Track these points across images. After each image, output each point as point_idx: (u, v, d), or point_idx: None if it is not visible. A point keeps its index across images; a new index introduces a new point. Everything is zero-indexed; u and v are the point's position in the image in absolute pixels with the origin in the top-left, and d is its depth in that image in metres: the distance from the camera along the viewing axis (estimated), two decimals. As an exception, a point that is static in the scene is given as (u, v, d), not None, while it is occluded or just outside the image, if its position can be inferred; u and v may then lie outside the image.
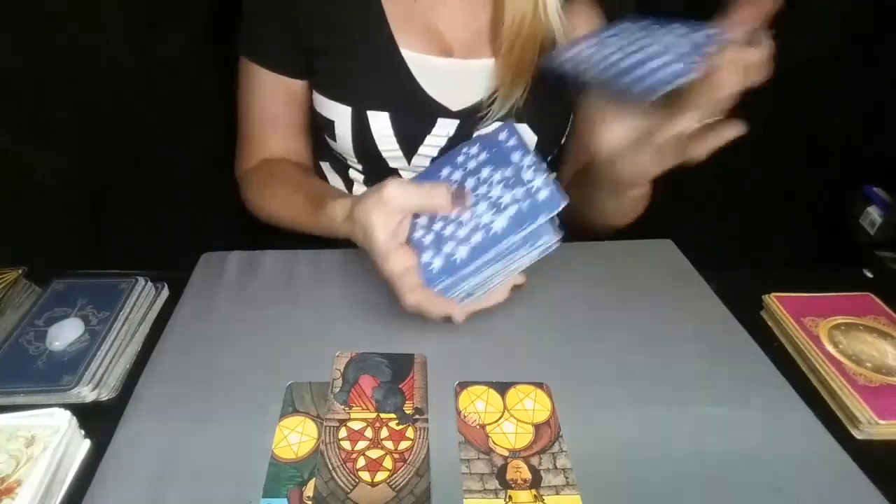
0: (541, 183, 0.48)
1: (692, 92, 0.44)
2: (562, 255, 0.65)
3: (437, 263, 0.49)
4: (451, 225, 0.50)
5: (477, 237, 0.48)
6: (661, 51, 0.46)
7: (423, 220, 0.52)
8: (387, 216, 0.49)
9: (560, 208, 0.46)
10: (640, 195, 0.61)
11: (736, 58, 0.43)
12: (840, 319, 0.56)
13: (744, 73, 0.43)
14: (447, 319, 0.50)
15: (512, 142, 0.54)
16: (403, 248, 0.50)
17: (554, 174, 0.49)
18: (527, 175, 0.50)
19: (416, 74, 0.65)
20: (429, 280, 0.48)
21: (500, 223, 0.47)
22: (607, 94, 0.51)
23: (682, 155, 0.48)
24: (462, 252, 0.48)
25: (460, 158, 0.57)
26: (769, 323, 0.59)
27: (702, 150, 0.46)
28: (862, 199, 0.96)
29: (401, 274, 0.49)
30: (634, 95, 0.45)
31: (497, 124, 0.66)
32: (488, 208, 0.49)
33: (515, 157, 0.53)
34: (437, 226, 0.51)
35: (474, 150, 0.57)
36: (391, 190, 0.49)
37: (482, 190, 0.52)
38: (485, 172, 0.53)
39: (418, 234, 0.51)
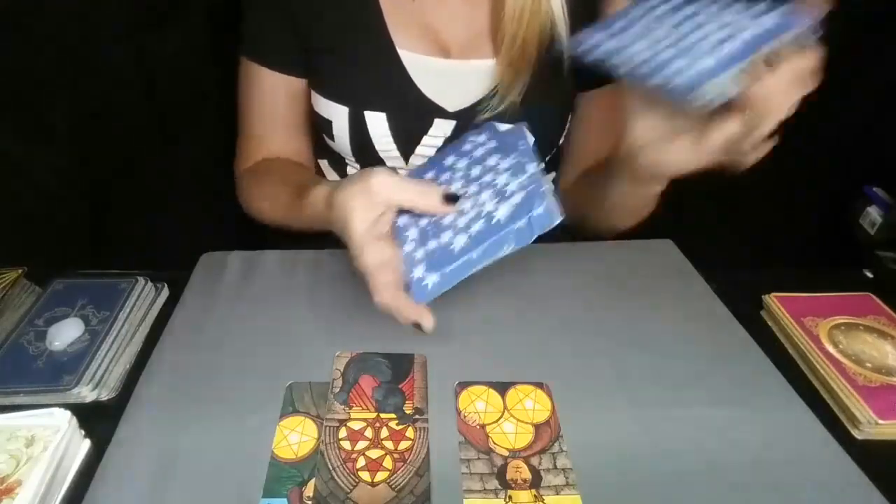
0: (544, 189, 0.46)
1: (744, 98, 0.41)
2: (562, 255, 0.65)
3: (432, 279, 0.46)
4: (448, 217, 0.48)
5: (477, 226, 0.46)
6: (696, 42, 0.43)
7: (408, 218, 0.50)
8: (369, 206, 0.47)
9: (554, 224, 0.44)
10: (654, 195, 0.59)
11: (792, 69, 0.40)
12: (840, 319, 0.56)
13: (799, 85, 0.40)
14: (416, 327, 0.47)
15: (522, 146, 0.52)
16: (382, 241, 0.47)
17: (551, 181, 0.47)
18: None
19: (413, 75, 0.65)
20: (420, 294, 0.46)
21: (503, 211, 0.45)
22: (644, 89, 0.47)
23: (726, 156, 0.45)
24: (460, 241, 0.46)
25: (466, 147, 0.55)
26: (769, 323, 0.59)
27: (750, 158, 0.43)
28: (862, 199, 0.96)
29: (376, 268, 0.46)
30: (673, 96, 0.42)
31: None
32: (492, 196, 0.47)
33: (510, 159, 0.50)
34: (424, 221, 0.49)
35: (482, 137, 0.54)
36: (380, 179, 0.47)
37: (487, 178, 0.49)
38: (491, 160, 0.51)
39: (404, 227, 0.49)
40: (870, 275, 0.65)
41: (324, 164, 0.78)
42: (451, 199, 0.48)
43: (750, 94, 0.41)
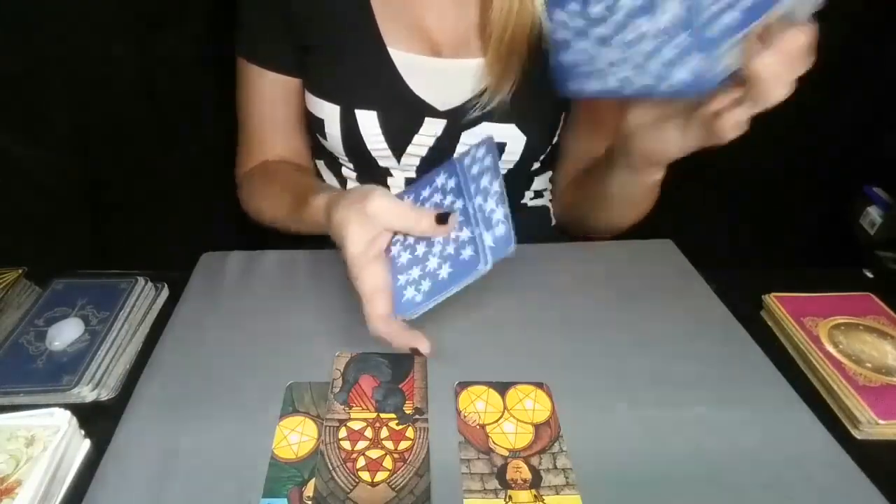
0: (500, 217, 0.48)
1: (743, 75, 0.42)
2: (562, 255, 0.65)
3: (410, 292, 0.49)
4: (428, 244, 0.51)
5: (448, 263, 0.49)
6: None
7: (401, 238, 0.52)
8: (365, 229, 0.48)
9: (508, 253, 0.47)
10: (653, 184, 0.59)
11: (787, 45, 0.40)
12: (840, 319, 0.56)
13: (796, 63, 0.41)
14: (414, 351, 0.49)
15: (488, 161, 0.52)
16: (375, 264, 0.49)
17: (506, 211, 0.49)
18: (489, 204, 0.49)
19: (403, 73, 0.65)
20: (402, 308, 0.49)
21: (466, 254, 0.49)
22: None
23: (708, 136, 0.46)
24: (444, 272, 0.49)
25: (439, 180, 0.55)
26: (769, 323, 0.59)
27: (728, 132, 0.44)
28: (862, 199, 0.96)
29: (370, 296, 0.48)
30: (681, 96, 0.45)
31: (480, 132, 0.66)
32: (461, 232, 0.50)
33: (485, 180, 0.51)
34: (411, 243, 0.52)
35: (443, 177, 0.55)
36: (377, 203, 0.48)
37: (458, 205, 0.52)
38: (458, 203, 0.52)
39: (395, 249, 0.52)
40: (870, 275, 0.65)
41: (320, 164, 0.78)
42: (443, 219, 0.50)
43: (750, 72, 0.41)
